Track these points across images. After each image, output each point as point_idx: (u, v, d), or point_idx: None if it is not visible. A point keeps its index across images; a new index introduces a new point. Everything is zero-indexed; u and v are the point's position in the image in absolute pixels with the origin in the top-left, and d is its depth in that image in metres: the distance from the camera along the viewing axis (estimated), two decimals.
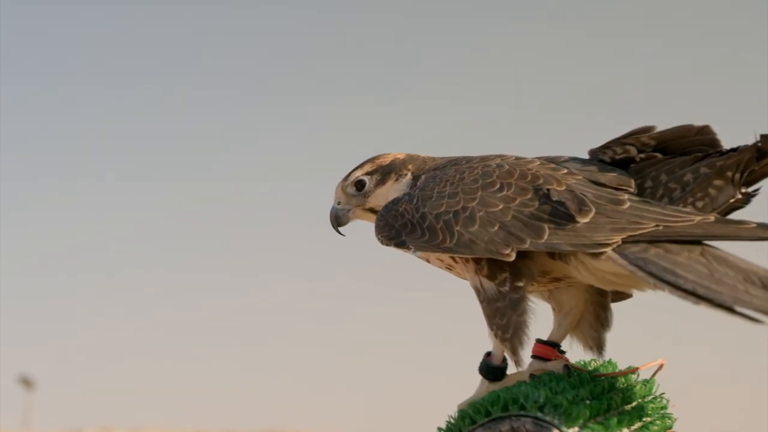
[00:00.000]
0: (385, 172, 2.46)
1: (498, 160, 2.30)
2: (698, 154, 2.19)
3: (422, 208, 2.24)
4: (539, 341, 2.32)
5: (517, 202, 2.17)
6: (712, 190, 2.16)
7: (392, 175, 2.45)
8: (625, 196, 2.16)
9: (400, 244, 2.26)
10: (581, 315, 2.34)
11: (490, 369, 2.26)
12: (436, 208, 2.22)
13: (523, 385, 2.11)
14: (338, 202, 2.52)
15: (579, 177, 2.21)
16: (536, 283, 2.24)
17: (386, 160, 2.48)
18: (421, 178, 2.37)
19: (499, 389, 2.12)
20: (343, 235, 2.53)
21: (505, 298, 2.17)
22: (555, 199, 2.15)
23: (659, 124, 2.24)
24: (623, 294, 2.37)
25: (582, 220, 2.11)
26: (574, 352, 2.36)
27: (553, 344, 2.33)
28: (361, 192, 2.48)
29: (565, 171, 2.23)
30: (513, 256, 2.12)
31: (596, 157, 2.29)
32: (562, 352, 2.34)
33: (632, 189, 2.20)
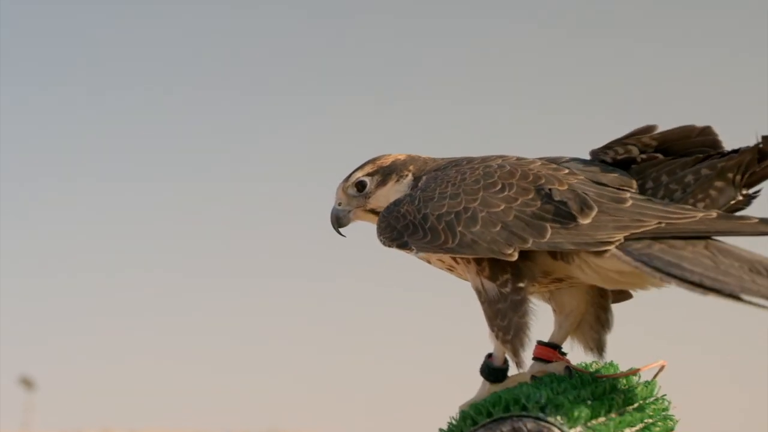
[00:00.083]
0: (386, 173, 2.45)
1: (499, 161, 2.30)
2: (699, 156, 2.18)
3: (424, 209, 2.23)
4: (540, 343, 2.32)
5: (519, 202, 2.17)
6: (712, 192, 2.15)
7: (393, 176, 2.45)
8: (627, 195, 2.16)
9: (403, 246, 2.25)
10: (582, 316, 2.33)
11: (492, 370, 2.25)
12: (437, 209, 2.22)
13: (525, 386, 2.11)
14: (339, 203, 2.51)
15: (581, 177, 2.21)
16: (538, 284, 2.23)
17: (387, 161, 2.47)
18: (423, 179, 2.37)
19: (501, 390, 2.12)
20: (343, 236, 2.53)
21: (507, 300, 2.16)
22: (557, 199, 2.15)
23: (660, 125, 2.23)
24: (624, 295, 2.37)
25: (584, 220, 2.11)
26: (575, 354, 2.36)
27: (554, 346, 2.32)
28: (362, 193, 2.47)
29: (567, 171, 2.23)
30: (515, 255, 2.12)
31: (598, 158, 2.29)
32: (563, 354, 2.34)
33: (634, 189, 2.20)
